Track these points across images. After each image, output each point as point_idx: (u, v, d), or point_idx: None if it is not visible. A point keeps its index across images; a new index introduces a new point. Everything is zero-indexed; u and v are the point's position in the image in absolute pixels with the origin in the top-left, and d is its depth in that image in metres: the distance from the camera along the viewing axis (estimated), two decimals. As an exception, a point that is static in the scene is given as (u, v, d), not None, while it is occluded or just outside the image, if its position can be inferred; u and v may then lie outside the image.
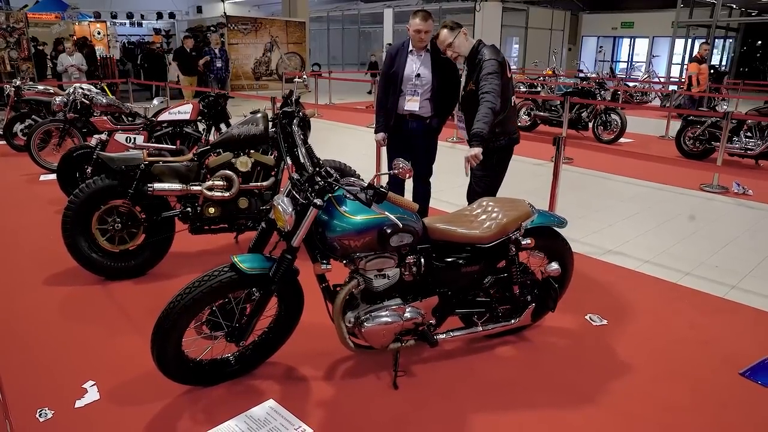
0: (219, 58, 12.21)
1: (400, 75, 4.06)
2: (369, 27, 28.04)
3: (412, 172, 2.40)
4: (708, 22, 19.70)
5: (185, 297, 2.34)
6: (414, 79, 4.05)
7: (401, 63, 4.07)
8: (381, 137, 4.24)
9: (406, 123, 4.16)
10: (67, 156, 5.09)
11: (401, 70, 4.06)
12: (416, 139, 4.20)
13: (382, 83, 4.18)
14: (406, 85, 4.08)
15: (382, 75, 4.18)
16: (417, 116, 4.13)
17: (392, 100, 4.13)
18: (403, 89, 4.09)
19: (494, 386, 2.72)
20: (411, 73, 4.05)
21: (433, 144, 4.31)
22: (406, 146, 4.23)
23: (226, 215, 3.93)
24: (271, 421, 2.42)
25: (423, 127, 4.17)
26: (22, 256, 4.21)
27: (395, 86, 4.09)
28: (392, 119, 4.16)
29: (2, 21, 12.60)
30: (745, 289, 3.92)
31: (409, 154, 4.29)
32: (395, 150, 4.26)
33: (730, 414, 2.54)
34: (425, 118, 4.14)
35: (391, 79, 4.11)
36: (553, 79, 14.77)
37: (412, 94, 4.09)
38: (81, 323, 3.25)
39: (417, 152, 4.26)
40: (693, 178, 6.90)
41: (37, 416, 2.42)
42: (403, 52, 4.08)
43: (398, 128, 4.19)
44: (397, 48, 4.14)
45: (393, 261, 2.51)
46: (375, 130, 4.26)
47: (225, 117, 6.01)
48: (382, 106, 4.19)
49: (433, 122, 4.18)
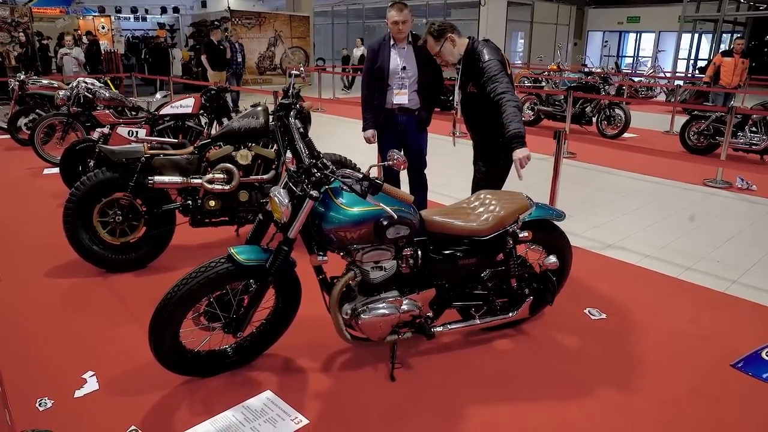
0: (239, 53, 11.65)
1: (386, 69, 4.04)
2: (373, 21, 27.97)
3: (407, 163, 2.40)
4: (715, 16, 19.57)
5: (182, 287, 2.35)
6: (400, 72, 4.04)
7: (384, 57, 4.05)
8: (371, 134, 4.23)
9: (395, 117, 4.15)
10: (69, 149, 5.12)
11: (386, 64, 4.04)
12: (407, 132, 4.19)
13: (366, 80, 4.16)
14: (393, 79, 4.07)
15: (366, 72, 4.15)
16: (406, 109, 4.12)
17: (379, 96, 4.11)
18: (390, 83, 4.08)
19: (491, 379, 2.72)
20: (396, 66, 4.04)
21: (424, 136, 4.31)
22: (397, 140, 4.22)
23: (227, 208, 3.95)
24: (268, 411, 2.44)
25: (413, 119, 4.17)
26: (25, 249, 4.24)
27: (381, 82, 4.08)
28: (381, 115, 4.15)
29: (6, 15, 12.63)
30: (747, 284, 3.90)
31: (400, 148, 4.29)
32: (386, 145, 4.24)
33: (726, 407, 2.54)
34: (414, 111, 4.14)
35: (376, 75, 4.09)
36: (558, 74, 14.70)
37: (399, 88, 4.08)
38: (82, 315, 3.27)
39: (409, 145, 4.25)
40: (696, 173, 6.86)
41: (37, 405, 2.44)
42: (385, 47, 4.07)
43: (388, 123, 4.18)
44: (379, 43, 4.12)
45: (390, 253, 2.52)
46: (363, 127, 4.24)
47: (227, 111, 6.02)
48: (368, 103, 4.18)
49: (422, 114, 4.18)
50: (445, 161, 6.36)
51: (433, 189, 4.64)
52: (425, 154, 4.36)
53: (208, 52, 11.19)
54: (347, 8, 28.24)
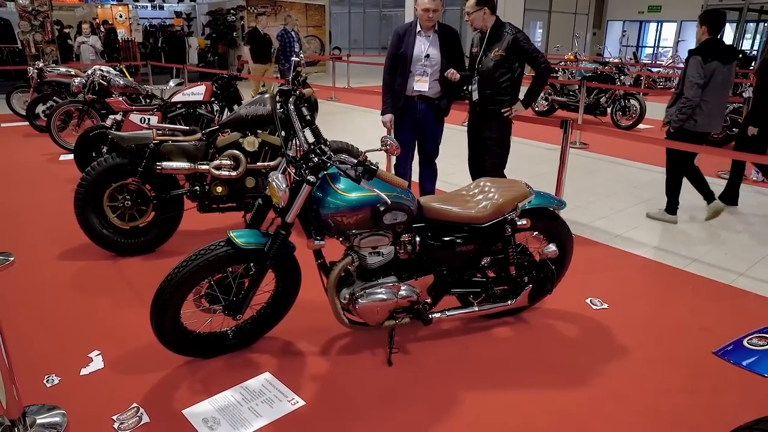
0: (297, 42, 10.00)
1: (409, 56, 4.06)
2: (390, 10, 27.85)
3: (399, 150, 2.42)
4: (740, 4, 19.11)
5: (182, 269, 2.41)
6: (423, 59, 4.05)
7: (410, 43, 4.06)
8: (389, 119, 4.25)
9: (414, 104, 4.17)
10: (83, 136, 5.21)
11: (410, 50, 4.06)
12: (425, 120, 4.21)
13: (388, 64, 4.18)
14: (416, 66, 4.08)
15: (389, 56, 4.17)
16: (425, 97, 4.14)
17: (400, 81, 4.13)
18: (411, 70, 4.09)
19: (488, 365, 2.74)
20: (420, 53, 4.05)
21: (440, 126, 4.32)
22: (413, 127, 4.24)
23: (234, 194, 4.00)
24: (266, 392, 2.49)
25: (431, 108, 4.18)
26: (39, 232, 4.35)
27: (403, 67, 4.09)
28: (401, 101, 4.17)
29: (27, 4, 12.80)
30: (754, 276, 3.86)
31: (416, 135, 4.31)
32: (403, 131, 4.27)
33: (723, 398, 2.54)
34: (434, 99, 4.15)
35: (399, 60, 4.10)
36: (574, 63, 14.52)
37: (421, 75, 4.09)
38: (90, 296, 3.36)
39: (425, 133, 4.27)
40: (710, 165, 6.76)
41: (45, 382, 2.53)
42: (411, 33, 4.08)
43: (406, 110, 4.19)
44: (405, 29, 4.13)
45: (387, 239, 2.55)
46: (382, 111, 4.27)
47: (238, 98, 6.07)
48: (389, 87, 4.19)
49: (442, 103, 4.19)
50: (454, 150, 6.35)
51: (441, 178, 4.66)
52: (439, 144, 4.38)
53: (251, 42, 9.81)
54: (364, -3, 28.14)
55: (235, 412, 2.36)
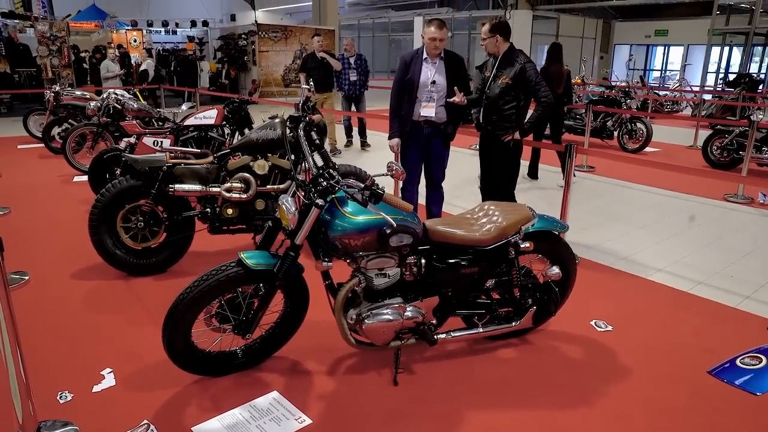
0: (353, 70, 8.73)
1: (416, 82, 4.17)
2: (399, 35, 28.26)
3: (405, 175, 2.49)
4: (746, 29, 19.25)
5: (194, 289, 2.48)
6: (429, 85, 4.16)
7: (416, 70, 4.18)
8: (396, 143, 4.35)
9: (421, 129, 4.27)
10: (98, 158, 5.34)
11: (417, 77, 4.17)
12: (431, 145, 4.30)
13: (395, 90, 4.29)
14: (422, 92, 4.19)
15: (396, 82, 4.29)
16: (432, 122, 4.24)
17: (407, 107, 4.23)
18: (418, 96, 4.20)
19: (493, 386, 2.78)
20: (426, 79, 4.16)
21: (447, 150, 4.41)
22: (420, 152, 4.34)
23: (244, 216, 4.08)
24: (273, 411, 2.54)
25: (438, 133, 4.28)
26: (54, 251, 4.45)
27: (410, 93, 4.20)
28: (408, 125, 4.27)
29: (46, 30, 13.16)
30: (760, 299, 3.87)
31: (422, 160, 4.40)
32: (409, 156, 4.36)
33: (725, 419, 2.55)
34: (440, 125, 4.25)
35: (406, 86, 4.21)
36: (581, 87, 14.64)
37: (427, 101, 4.19)
38: (103, 315, 3.43)
39: (431, 158, 4.37)
40: (718, 189, 6.80)
41: (58, 398, 2.59)
42: (417, 60, 4.19)
43: (413, 134, 4.29)
44: (412, 56, 4.25)
45: (393, 261, 2.61)
46: (389, 136, 4.37)
47: (249, 122, 6.20)
48: (396, 112, 4.30)
49: (448, 128, 4.29)
50: (460, 174, 6.44)
51: (447, 201, 4.73)
52: (445, 168, 4.47)
53: (306, 69, 8.68)
54: (373, 21, 28.59)
55: (244, 429, 2.41)
